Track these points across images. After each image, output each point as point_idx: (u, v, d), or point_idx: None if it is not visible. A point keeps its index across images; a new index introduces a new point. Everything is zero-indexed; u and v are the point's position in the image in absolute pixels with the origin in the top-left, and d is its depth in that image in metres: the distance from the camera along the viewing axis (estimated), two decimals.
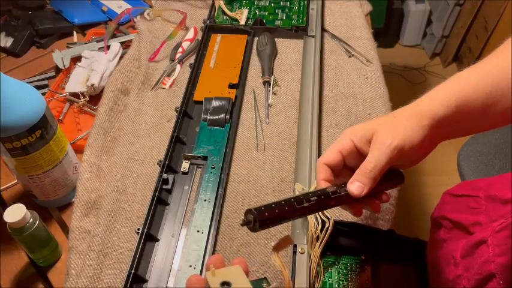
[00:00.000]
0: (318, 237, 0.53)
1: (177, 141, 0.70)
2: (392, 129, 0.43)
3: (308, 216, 0.55)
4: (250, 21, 0.90)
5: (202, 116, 0.73)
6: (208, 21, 0.90)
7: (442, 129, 0.45)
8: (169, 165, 0.66)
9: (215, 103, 0.73)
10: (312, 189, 0.57)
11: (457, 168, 1.02)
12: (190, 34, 0.89)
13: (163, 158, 0.66)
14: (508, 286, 0.52)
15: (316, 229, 0.53)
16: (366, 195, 0.44)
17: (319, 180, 0.45)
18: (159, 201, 0.63)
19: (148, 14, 0.94)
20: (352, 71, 0.82)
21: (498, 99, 0.43)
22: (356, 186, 0.43)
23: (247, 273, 0.40)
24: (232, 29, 0.88)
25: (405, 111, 0.45)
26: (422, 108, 0.44)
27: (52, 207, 0.67)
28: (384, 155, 0.42)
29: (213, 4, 0.94)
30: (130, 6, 0.96)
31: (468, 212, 0.56)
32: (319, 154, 0.68)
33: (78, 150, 0.71)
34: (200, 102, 0.75)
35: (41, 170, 0.60)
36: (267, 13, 0.92)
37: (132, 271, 0.55)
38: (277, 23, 0.90)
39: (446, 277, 0.58)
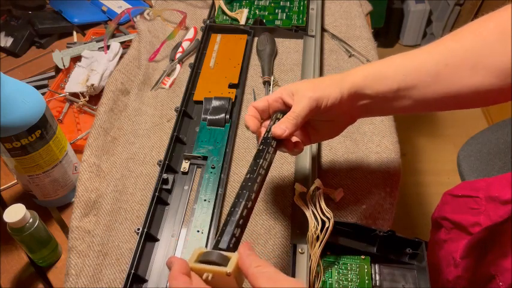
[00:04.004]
0: (318, 237, 0.53)
1: (177, 141, 0.70)
2: (314, 87, 0.51)
3: (308, 217, 0.55)
4: (250, 21, 0.90)
5: (202, 116, 0.73)
6: (208, 21, 0.89)
7: (359, 100, 0.51)
8: (169, 165, 0.66)
9: (215, 103, 0.73)
10: (312, 189, 0.58)
11: (457, 168, 1.02)
12: (190, 34, 0.89)
13: (163, 158, 0.66)
14: (508, 287, 0.52)
15: (316, 229, 0.53)
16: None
17: (246, 116, 0.54)
18: (159, 201, 0.63)
19: (148, 14, 0.94)
20: None
21: (415, 83, 0.48)
22: (279, 128, 0.50)
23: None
24: (232, 28, 0.88)
25: (329, 77, 0.53)
26: (344, 77, 0.51)
27: (52, 207, 0.67)
28: (304, 104, 0.49)
29: (213, 4, 0.94)
30: (130, 6, 0.96)
31: (468, 213, 0.56)
32: (319, 154, 0.68)
33: (78, 150, 0.71)
34: (200, 102, 0.75)
35: (41, 170, 0.60)
36: (267, 13, 0.92)
37: (132, 271, 0.55)
38: (277, 22, 0.90)
39: (447, 278, 0.58)
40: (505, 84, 0.43)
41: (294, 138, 0.54)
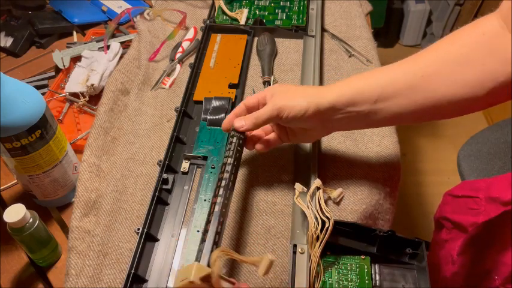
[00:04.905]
0: (318, 237, 0.53)
1: (177, 141, 0.70)
2: (287, 95, 0.53)
3: (308, 217, 0.55)
4: (250, 21, 0.90)
5: (202, 116, 0.73)
6: (208, 21, 0.89)
7: (332, 114, 0.52)
8: (169, 165, 0.66)
9: (215, 103, 0.73)
10: (312, 189, 0.58)
11: (457, 168, 1.02)
12: (190, 34, 0.89)
13: (163, 158, 0.66)
14: (503, 282, 0.52)
15: (316, 229, 0.53)
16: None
17: (234, 110, 0.58)
18: (159, 201, 0.63)
19: (148, 14, 0.94)
20: (352, 71, 0.82)
21: (392, 96, 0.49)
22: (238, 122, 0.55)
23: None
24: (232, 28, 0.88)
25: (311, 87, 0.56)
26: (320, 91, 0.53)
27: (52, 207, 0.67)
28: (267, 110, 0.53)
29: (213, 4, 0.94)
30: (130, 6, 0.96)
31: (468, 213, 0.57)
32: (319, 154, 0.68)
33: (78, 150, 0.71)
34: (200, 102, 0.75)
35: (41, 170, 0.60)
36: (267, 13, 0.92)
37: (132, 271, 0.55)
38: (277, 22, 0.90)
39: (445, 275, 0.59)
40: (479, 94, 0.45)
41: (273, 135, 0.60)
